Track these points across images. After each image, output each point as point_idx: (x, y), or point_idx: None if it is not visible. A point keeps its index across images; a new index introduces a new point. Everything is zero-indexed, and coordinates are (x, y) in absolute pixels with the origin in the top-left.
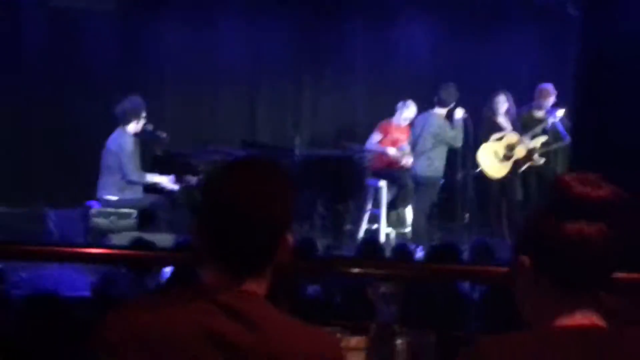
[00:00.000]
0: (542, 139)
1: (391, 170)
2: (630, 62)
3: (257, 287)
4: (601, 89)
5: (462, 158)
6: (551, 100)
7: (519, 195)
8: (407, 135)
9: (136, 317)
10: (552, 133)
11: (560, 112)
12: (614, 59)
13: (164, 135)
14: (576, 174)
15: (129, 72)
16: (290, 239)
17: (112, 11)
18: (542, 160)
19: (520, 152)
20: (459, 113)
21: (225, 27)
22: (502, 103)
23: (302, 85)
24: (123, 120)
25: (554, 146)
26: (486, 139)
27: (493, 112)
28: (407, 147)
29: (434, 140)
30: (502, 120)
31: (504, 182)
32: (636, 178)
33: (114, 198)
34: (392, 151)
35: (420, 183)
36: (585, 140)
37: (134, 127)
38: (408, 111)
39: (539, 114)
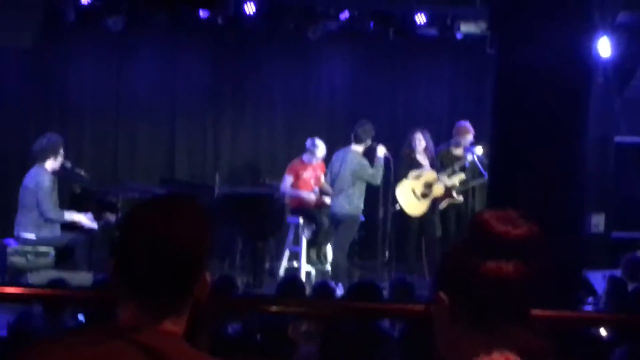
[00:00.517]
0: (460, 176)
1: (308, 209)
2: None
3: (175, 325)
4: (516, 123)
5: (382, 195)
6: (469, 137)
7: (438, 232)
8: (322, 170)
9: (50, 355)
10: (471, 170)
11: (479, 149)
12: (528, 95)
13: (83, 173)
14: (495, 211)
15: (46, 109)
16: (208, 277)
17: (28, 49)
18: (460, 198)
19: (438, 190)
20: (381, 151)
21: (143, 63)
22: (420, 140)
23: (221, 121)
24: (40, 158)
25: (472, 183)
26: (405, 176)
27: (411, 149)
28: (323, 186)
29: (353, 178)
30: (420, 157)
31: (423, 220)
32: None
33: (31, 236)
34: (304, 194)
35: (339, 221)
36: (503, 174)
37: (51, 164)
38: (318, 150)
39: (457, 151)
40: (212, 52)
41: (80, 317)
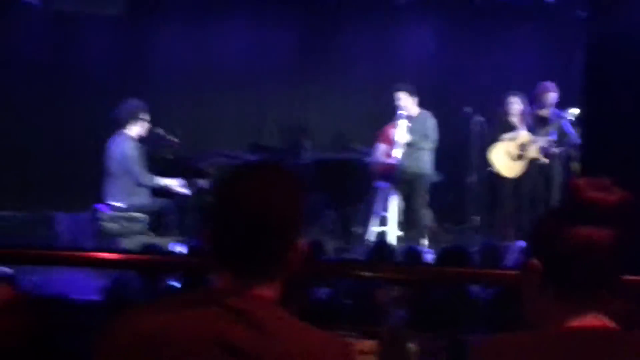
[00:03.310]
0: (550, 138)
1: (396, 173)
2: (636, 62)
3: (269, 291)
4: (608, 91)
5: (476, 159)
6: (552, 96)
7: (528, 195)
8: None
9: (145, 320)
10: (560, 133)
11: (573, 111)
12: (620, 61)
13: (175, 140)
14: (589, 179)
15: (135, 75)
16: (302, 243)
17: (117, 16)
18: (547, 160)
19: (532, 151)
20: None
21: (231, 30)
22: (515, 104)
23: (309, 87)
24: (121, 124)
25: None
26: (499, 139)
27: (506, 113)
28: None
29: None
30: (515, 120)
31: (517, 183)
32: None
33: (121, 204)
34: (393, 160)
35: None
36: (594, 142)
37: (135, 130)
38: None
39: (543, 112)
40: (299, 18)
41: (174, 283)
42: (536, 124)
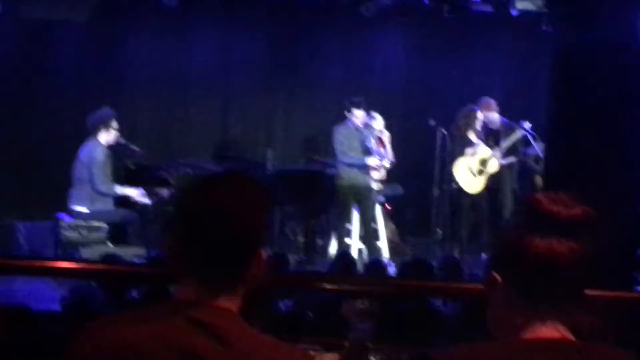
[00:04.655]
0: (512, 158)
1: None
2: (601, 76)
3: (230, 303)
4: (573, 105)
5: (438, 173)
6: (495, 109)
7: (488, 209)
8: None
9: (108, 332)
10: (512, 144)
11: (527, 125)
12: (585, 74)
13: (137, 149)
14: (547, 193)
15: (101, 83)
16: (264, 254)
17: (84, 22)
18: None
19: (492, 167)
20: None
21: (198, 39)
22: (476, 118)
23: (275, 98)
24: (94, 131)
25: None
26: (460, 154)
27: (466, 126)
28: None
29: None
30: (472, 135)
31: (475, 198)
32: (607, 195)
33: (84, 210)
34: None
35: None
36: (557, 155)
37: (105, 137)
38: (375, 122)
39: (492, 125)
40: (267, 28)
41: (134, 293)
42: (487, 138)
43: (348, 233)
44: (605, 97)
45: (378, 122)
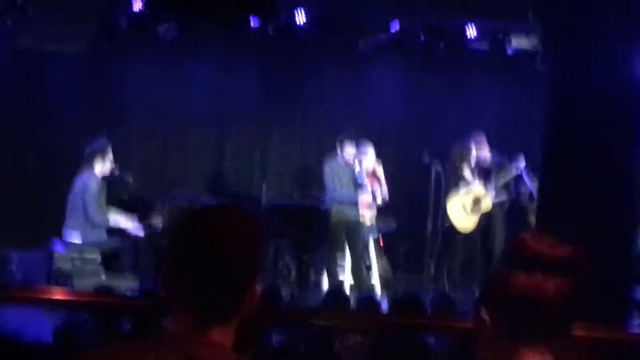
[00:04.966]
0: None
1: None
2: (596, 113)
3: (224, 336)
4: (567, 142)
5: (432, 209)
6: (485, 147)
7: (479, 246)
8: (373, 179)
9: None
10: (505, 183)
11: (522, 162)
12: (580, 111)
13: (131, 179)
14: (534, 234)
15: (96, 114)
16: (258, 289)
17: (80, 53)
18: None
19: (486, 205)
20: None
21: (194, 71)
22: (471, 154)
23: (270, 131)
24: (89, 161)
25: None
26: (453, 191)
27: (462, 163)
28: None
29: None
30: (467, 172)
31: (467, 234)
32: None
33: (77, 241)
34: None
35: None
36: (551, 192)
37: (99, 168)
38: (367, 158)
39: (483, 163)
40: (263, 62)
41: (126, 324)
42: (479, 175)
43: (341, 268)
44: (599, 135)
45: (370, 157)
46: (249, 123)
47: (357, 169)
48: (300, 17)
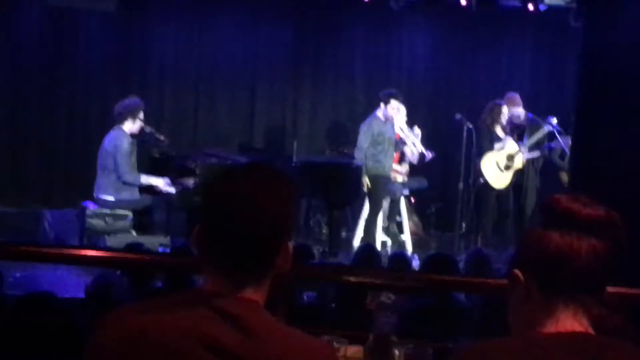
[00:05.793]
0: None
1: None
2: (629, 72)
3: (256, 294)
4: (601, 100)
5: (463, 167)
6: (520, 105)
7: (512, 204)
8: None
9: (131, 320)
10: (537, 139)
11: (554, 120)
12: (614, 70)
13: (163, 138)
14: (567, 194)
15: (127, 72)
16: (291, 246)
17: (111, 11)
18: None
19: (519, 162)
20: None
21: (225, 30)
22: (502, 112)
23: (301, 89)
24: (119, 120)
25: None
26: (486, 148)
27: (493, 121)
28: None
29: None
30: (499, 129)
31: (500, 192)
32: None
33: (110, 198)
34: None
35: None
36: (584, 152)
37: (130, 126)
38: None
39: (516, 120)
40: (294, 20)
41: (157, 282)
42: (512, 132)
43: (372, 225)
44: (633, 94)
45: (404, 115)
46: (280, 80)
47: (396, 125)
48: None
